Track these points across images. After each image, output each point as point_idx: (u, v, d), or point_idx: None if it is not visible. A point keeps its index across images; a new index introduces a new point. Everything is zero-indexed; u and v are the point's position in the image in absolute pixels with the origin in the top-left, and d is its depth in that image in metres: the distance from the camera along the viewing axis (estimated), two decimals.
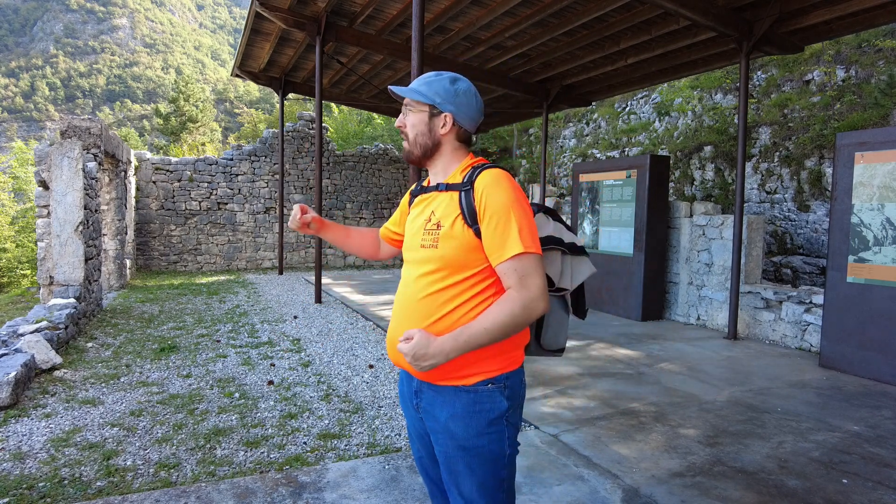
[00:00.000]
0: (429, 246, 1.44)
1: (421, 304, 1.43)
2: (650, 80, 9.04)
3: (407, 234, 1.58)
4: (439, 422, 1.45)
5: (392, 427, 3.52)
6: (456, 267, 1.41)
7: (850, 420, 3.77)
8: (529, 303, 1.34)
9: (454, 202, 1.44)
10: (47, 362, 4.37)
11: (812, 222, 8.24)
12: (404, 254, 1.58)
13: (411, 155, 1.55)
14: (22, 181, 19.34)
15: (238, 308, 7.74)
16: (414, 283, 1.47)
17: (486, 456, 1.43)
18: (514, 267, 1.35)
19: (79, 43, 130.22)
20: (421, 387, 1.50)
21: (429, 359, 1.33)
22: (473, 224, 1.40)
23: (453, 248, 1.40)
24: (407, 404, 1.59)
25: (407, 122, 1.53)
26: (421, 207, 1.55)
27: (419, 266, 1.47)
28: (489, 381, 1.43)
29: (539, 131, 15.64)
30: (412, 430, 1.62)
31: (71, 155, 6.14)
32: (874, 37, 8.47)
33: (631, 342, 6.00)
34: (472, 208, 1.40)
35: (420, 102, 1.51)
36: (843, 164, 4.98)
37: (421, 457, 1.63)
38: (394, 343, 1.52)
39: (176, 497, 2.59)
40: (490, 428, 1.42)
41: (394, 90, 1.54)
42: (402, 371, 1.60)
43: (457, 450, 1.43)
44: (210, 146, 30.17)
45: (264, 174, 13.05)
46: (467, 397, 1.42)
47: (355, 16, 7.61)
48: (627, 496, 2.68)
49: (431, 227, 1.46)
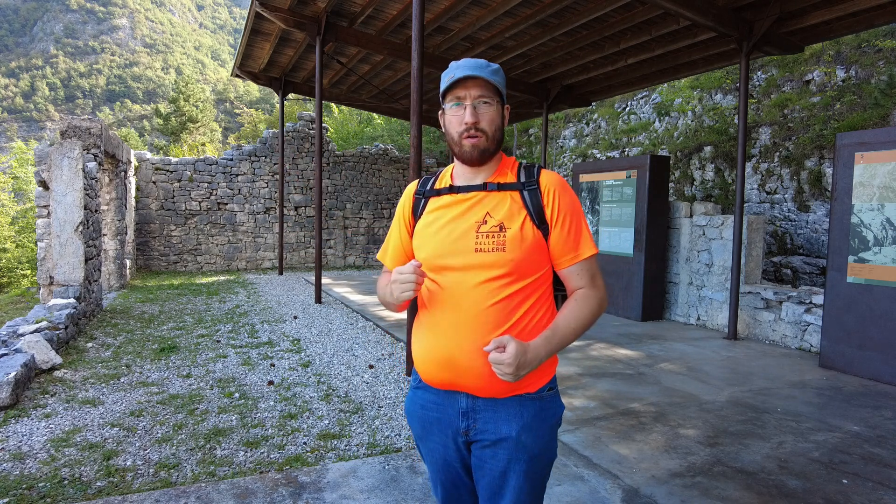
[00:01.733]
0: (492, 250, 1.32)
1: (490, 312, 1.31)
2: (650, 80, 9.04)
3: (437, 239, 1.39)
4: (509, 438, 1.34)
5: (392, 427, 3.52)
6: (524, 270, 1.34)
7: (850, 420, 3.77)
8: (603, 300, 1.39)
9: (517, 202, 1.36)
10: (47, 362, 4.37)
11: (812, 222, 8.24)
12: (437, 260, 1.38)
13: (487, 152, 1.37)
14: (22, 181, 19.35)
15: (238, 308, 7.74)
16: (474, 291, 1.33)
17: (547, 462, 1.39)
18: (587, 267, 1.38)
19: (79, 43, 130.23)
20: (475, 405, 1.37)
21: (528, 366, 1.25)
22: (541, 225, 1.35)
23: (524, 250, 1.33)
24: (433, 430, 1.44)
25: (485, 116, 1.36)
26: (460, 209, 1.39)
27: (477, 272, 1.33)
28: (548, 386, 1.40)
29: (539, 131, 15.65)
30: (436, 459, 1.46)
31: (71, 155, 6.14)
32: (874, 37, 8.47)
33: (631, 342, 6.00)
34: (539, 208, 1.35)
35: (498, 93, 1.38)
36: (843, 164, 4.98)
37: (445, 487, 1.49)
38: (444, 361, 1.37)
39: (176, 497, 2.59)
40: (552, 433, 1.40)
41: (485, 75, 1.35)
42: (432, 394, 1.44)
43: (524, 463, 1.34)
44: (210, 146, 30.18)
45: (264, 174, 13.05)
46: (534, 405, 1.37)
47: (355, 16, 7.61)
48: (627, 496, 2.68)
49: (491, 229, 1.34)
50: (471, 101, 1.36)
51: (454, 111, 1.39)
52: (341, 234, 14.13)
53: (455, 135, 1.39)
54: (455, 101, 1.38)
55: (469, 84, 1.36)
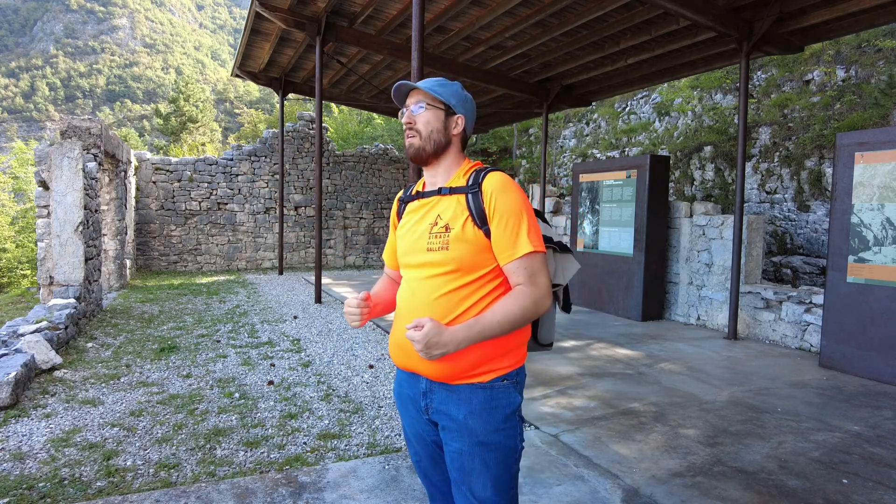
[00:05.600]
0: (438, 249, 1.45)
1: (436, 304, 1.44)
2: (650, 80, 9.04)
3: (405, 240, 1.57)
4: (456, 420, 1.46)
5: (392, 427, 3.52)
6: (468, 267, 1.44)
7: (850, 420, 3.77)
8: (539, 299, 1.41)
9: (461, 205, 1.47)
10: (47, 362, 4.37)
11: (812, 222, 8.24)
12: (404, 258, 1.57)
13: (422, 151, 1.53)
14: (22, 181, 19.34)
15: (238, 308, 7.74)
16: (424, 285, 1.48)
17: (502, 451, 1.46)
18: (524, 265, 1.41)
19: (79, 43, 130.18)
20: (431, 387, 1.50)
21: (441, 347, 1.33)
22: (483, 225, 1.44)
23: (465, 249, 1.43)
24: (407, 406, 1.59)
25: (420, 118, 1.52)
26: (422, 213, 1.56)
27: (428, 269, 1.48)
28: (503, 378, 1.47)
29: (539, 131, 15.65)
30: (411, 432, 1.63)
31: (71, 155, 6.14)
32: (874, 37, 8.47)
33: (631, 342, 6.00)
34: (480, 210, 1.44)
35: (438, 100, 1.53)
36: (843, 164, 4.98)
37: (420, 459, 1.64)
38: (398, 345, 1.53)
39: (176, 497, 2.59)
40: (506, 423, 1.46)
41: (415, 84, 1.54)
42: (403, 373, 1.60)
43: (475, 446, 1.44)
44: (210, 146, 30.19)
45: (264, 174, 13.05)
46: (484, 394, 1.45)
47: (355, 16, 7.61)
48: (627, 496, 2.68)
49: (439, 230, 1.47)
50: (410, 106, 1.55)
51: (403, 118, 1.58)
52: (341, 234, 14.13)
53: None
54: (403, 108, 1.58)
55: (412, 93, 1.57)
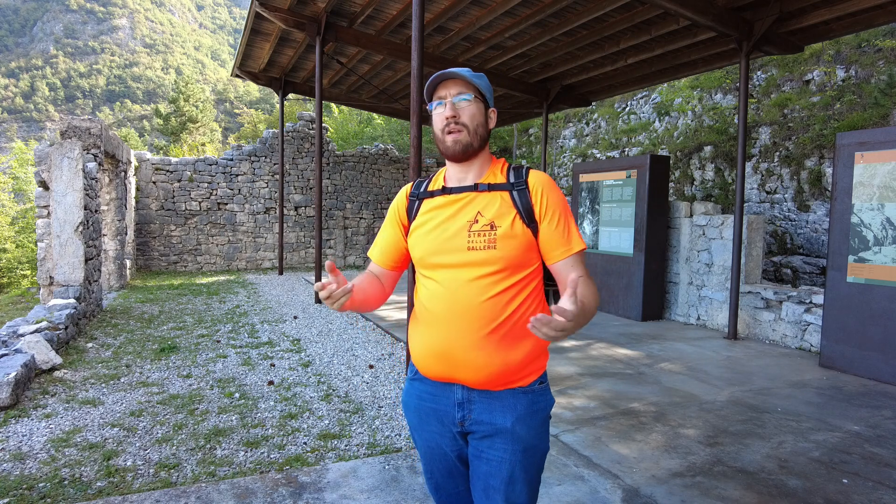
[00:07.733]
0: (483, 248, 1.38)
1: (484, 308, 1.37)
2: (650, 80, 9.04)
3: (431, 238, 1.46)
4: (503, 428, 1.39)
5: (392, 427, 3.52)
6: (516, 266, 1.39)
7: (851, 420, 3.77)
8: (598, 291, 1.42)
9: (507, 202, 1.42)
10: (47, 362, 4.37)
11: (812, 222, 8.24)
12: (431, 258, 1.45)
13: (469, 146, 1.43)
14: (22, 181, 19.33)
15: (238, 308, 7.74)
16: (468, 287, 1.38)
17: (539, 455, 1.45)
18: (580, 260, 1.43)
19: (79, 43, 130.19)
20: (470, 396, 1.43)
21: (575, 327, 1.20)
22: (531, 223, 1.41)
23: (514, 247, 1.38)
24: (429, 420, 1.49)
25: (465, 111, 1.43)
26: (452, 209, 1.45)
27: (470, 269, 1.39)
28: (540, 380, 1.46)
29: (539, 131, 15.65)
30: (428, 447, 1.52)
31: (71, 155, 6.14)
32: (874, 37, 8.47)
33: (631, 342, 6.00)
34: (528, 207, 1.41)
35: (480, 94, 1.47)
36: (843, 163, 4.98)
37: (432, 473, 1.55)
38: (437, 354, 1.42)
39: (176, 497, 2.59)
40: (544, 426, 1.46)
41: (460, 73, 1.43)
42: (429, 384, 1.49)
43: (518, 453, 1.39)
44: (210, 146, 30.18)
45: (264, 174, 13.05)
46: (526, 398, 1.42)
47: (355, 16, 7.61)
48: (627, 496, 2.68)
49: (482, 228, 1.40)
50: (450, 97, 1.44)
51: (437, 110, 1.47)
52: (341, 234, 14.13)
53: (439, 132, 1.46)
54: (438, 100, 1.47)
55: (449, 84, 1.45)
